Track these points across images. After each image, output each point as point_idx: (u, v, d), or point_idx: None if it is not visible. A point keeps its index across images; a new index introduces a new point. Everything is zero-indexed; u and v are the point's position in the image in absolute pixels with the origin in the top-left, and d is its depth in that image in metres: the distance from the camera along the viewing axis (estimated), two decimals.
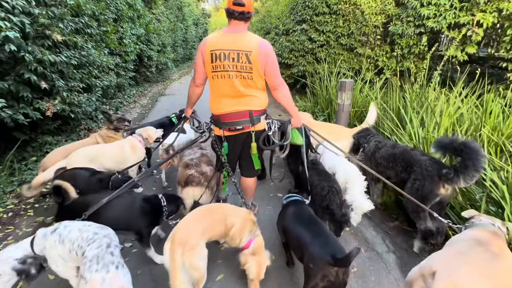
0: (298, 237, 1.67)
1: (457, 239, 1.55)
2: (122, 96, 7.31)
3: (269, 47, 1.88)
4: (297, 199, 2.04)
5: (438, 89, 3.55)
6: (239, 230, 1.81)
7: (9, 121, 3.07)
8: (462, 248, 1.41)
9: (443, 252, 1.44)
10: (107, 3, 5.59)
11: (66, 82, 3.77)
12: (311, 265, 1.51)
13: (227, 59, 1.85)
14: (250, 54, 1.82)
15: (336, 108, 3.76)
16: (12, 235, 2.59)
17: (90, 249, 1.41)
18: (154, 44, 9.38)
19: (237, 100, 1.98)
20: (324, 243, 1.54)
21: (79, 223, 1.59)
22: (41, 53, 3.09)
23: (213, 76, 1.95)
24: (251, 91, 1.96)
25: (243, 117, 2.00)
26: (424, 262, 1.39)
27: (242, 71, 1.86)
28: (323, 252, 1.48)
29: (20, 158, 3.74)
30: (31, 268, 1.51)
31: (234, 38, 1.85)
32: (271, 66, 1.88)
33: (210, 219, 1.80)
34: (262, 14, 10.54)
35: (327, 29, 5.63)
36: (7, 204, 2.98)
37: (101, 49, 5.05)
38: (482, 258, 1.30)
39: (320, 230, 1.66)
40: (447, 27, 4.20)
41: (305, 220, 1.77)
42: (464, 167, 1.85)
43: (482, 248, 1.36)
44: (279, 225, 1.99)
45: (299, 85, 6.88)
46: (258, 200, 2.94)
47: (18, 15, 2.91)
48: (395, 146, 2.45)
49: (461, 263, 1.28)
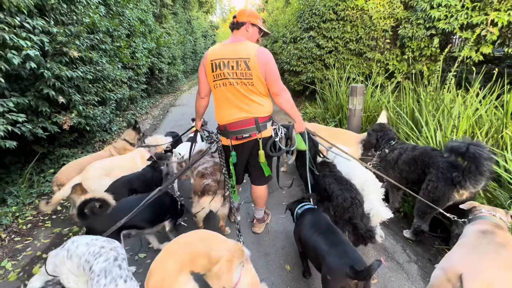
0: (315, 247, 1.60)
1: (465, 235, 1.55)
2: (134, 108, 7.51)
3: (268, 54, 1.92)
4: (311, 207, 1.98)
5: (453, 91, 3.44)
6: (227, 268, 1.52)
7: (29, 135, 3.19)
8: (474, 244, 1.41)
9: (459, 251, 1.41)
10: (120, 20, 5.84)
11: (82, 96, 3.92)
12: (329, 277, 1.43)
13: (226, 67, 1.90)
14: (248, 61, 1.87)
15: (347, 114, 3.71)
16: (30, 246, 2.65)
17: (97, 263, 1.39)
18: (165, 57, 9.66)
19: (241, 108, 1.99)
20: (342, 253, 1.46)
21: (87, 237, 1.55)
22: (59, 69, 3.23)
23: (215, 86, 1.99)
24: (255, 97, 1.98)
25: (249, 124, 2.01)
26: (445, 265, 1.36)
27: (242, 77, 1.90)
28: (342, 263, 1.40)
29: (38, 171, 3.87)
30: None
31: (233, 48, 1.92)
32: (271, 72, 1.91)
33: (188, 252, 1.54)
34: (269, 24, 10.69)
35: (335, 35, 5.62)
36: (26, 215, 3.06)
37: (115, 64, 5.23)
38: (494, 251, 1.32)
39: (338, 239, 1.58)
40: (459, 28, 4.11)
41: (323, 228, 1.69)
42: (469, 170, 1.81)
43: (488, 240, 1.40)
44: (296, 234, 1.92)
45: (308, 92, 6.86)
46: (271, 209, 2.89)
47: (38, 34, 3.08)
48: (415, 148, 2.37)
49: (481, 260, 1.29)
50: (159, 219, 2.19)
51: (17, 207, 3.08)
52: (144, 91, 8.26)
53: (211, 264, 1.54)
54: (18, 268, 2.33)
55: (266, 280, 2.04)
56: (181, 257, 1.51)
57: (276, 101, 2.04)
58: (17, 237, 2.77)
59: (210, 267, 1.54)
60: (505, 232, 1.49)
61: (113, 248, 1.49)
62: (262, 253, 2.32)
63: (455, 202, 1.99)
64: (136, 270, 2.19)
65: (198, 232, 1.71)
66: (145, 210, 1.94)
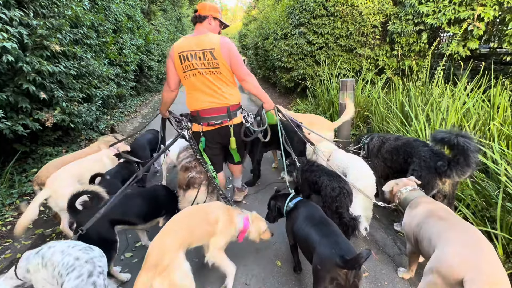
0: (307, 238, 1.59)
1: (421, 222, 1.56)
2: (123, 106, 7.33)
3: (230, 42, 2.06)
4: (302, 199, 1.98)
5: (442, 85, 3.47)
6: (228, 220, 1.77)
7: (8, 132, 3.04)
8: (450, 235, 1.36)
9: (448, 249, 1.30)
10: (106, 15, 5.66)
11: (65, 93, 3.76)
12: (319, 267, 1.43)
13: (194, 58, 2.02)
14: (213, 50, 2.00)
15: (338, 109, 3.70)
16: (10, 248, 2.52)
17: (69, 280, 1.22)
18: (154, 54, 9.47)
19: (213, 96, 2.12)
20: (334, 244, 1.44)
21: (63, 243, 1.40)
22: (39, 64, 3.08)
23: (185, 76, 2.10)
24: (224, 86, 2.12)
25: (221, 112, 2.15)
26: (440, 269, 1.26)
27: (210, 67, 2.03)
28: (332, 253, 1.39)
29: (20, 170, 3.71)
30: None
31: (198, 40, 2.03)
32: (235, 59, 2.05)
33: (187, 224, 1.64)
34: (260, 21, 10.64)
35: (325, 31, 5.62)
36: (6, 216, 2.92)
37: (101, 60, 5.06)
38: (473, 243, 1.29)
39: (330, 230, 1.57)
40: (447, 23, 4.15)
41: (316, 220, 1.68)
42: (456, 161, 1.84)
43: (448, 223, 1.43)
44: (288, 227, 1.90)
45: (299, 89, 6.85)
46: (263, 206, 2.85)
47: (16, 27, 2.93)
48: (398, 138, 2.42)
49: (478, 260, 1.21)
50: (153, 214, 2.08)
51: None
52: (133, 89, 8.08)
53: (212, 226, 1.69)
54: None
55: (256, 276, 1.99)
56: (179, 233, 1.56)
57: (244, 86, 2.21)
58: None
59: (212, 229, 1.69)
60: (438, 203, 1.65)
61: (88, 260, 1.32)
62: (253, 248, 2.27)
63: (438, 190, 2.02)
64: (122, 270, 2.11)
65: (189, 208, 1.82)
66: (139, 205, 1.95)
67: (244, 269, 2.06)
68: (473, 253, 1.23)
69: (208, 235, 1.71)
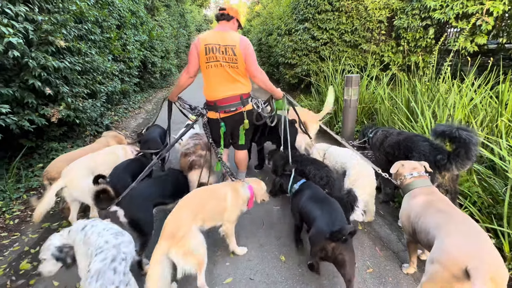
0: (310, 213, 1.81)
1: (418, 213, 1.58)
2: (127, 102, 7.35)
3: (247, 42, 2.34)
4: (305, 181, 2.17)
5: (449, 81, 3.42)
6: (235, 193, 1.98)
7: (14, 127, 3.07)
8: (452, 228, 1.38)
9: (450, 240, 1.32)
10: (109, 10, 5.65)
11: (70, 88, 3.79)
12: (312, 238, 1.66)
13: (218, 51, 2.27)
14: (234, 47, 2.26)
15: (343, 105, 3.67)
16: (18, 241, 2.56)
17: (95, 261, 1.34)
18: (158, 51, 9.46)
19: (229, 87, 2.38)
20: (329, 220, 1.64)
21: (102, 225, 1.56)
22: (44, 59, 3.09)
23: (207, 66, 2.33)
24: (239, 78, 2.39)
25: (236, 100, 2.41)
26: (443, 259, 1.28)
27: (230, 62, 2.30)
28: (327, 228, 1.58)
29: (27, 165, 3.75)
30: (67, 257, 1.57)
31: (222, 35, 2.29)
32: (250, 56, 2.31)
33: (199, 200, 1.84)
34: (264, 16, 10.55)
35: (330, 26, 5.56)
36: (13, 210, 2.97)
37: (105, 56, 5.07)
38: (474, 233, 1.34)
39: (331, 208, 1.75)
40: (454, 17, 4.08)
41: (320, 199, 1.89)
42: (457, 154, 1.85)
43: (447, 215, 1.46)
44: (294, 206, 2.06)
45: (303, 85, 6.80)
46: None
47: (22, 22, 2.94)
48: (400, 133, 2.45)
49: (480, 249, 1.25)
50: (179, 194, 2.22)
51: (3, 202, 2.97)
52: (136, 85, 8.09)
53: (222, 201, 1.90)
54: (5, 264, 2.24)
55: (260, 271, 2.00)
56: (193, 207, 1.76)
57: (255, 82, 2.45)
58: (4, 233, 2.68)
59: (222, 204, 1.90)
60: (438, 194, 1.65)
61: (116, 245, 1.42)
62: (256, 244, 2.28)
63: (438, 184, 2.02)
64: None
65: (199, 188, 2.04)
66: (170, 187, 2.24)
67: (248, 264, 2.07)
68: (474, 243, 1.27)
69: (220, 212, 1.90)
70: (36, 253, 2.37)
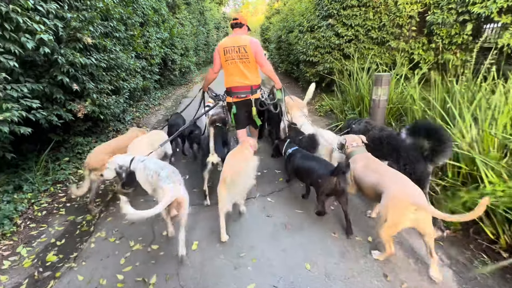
0: (309, 167, 2.43)
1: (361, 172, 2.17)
2: (147, 99, 7.48)
3: (256, 41, 2.98)
4: (297, 148, 2.81)
5: (491, 82, 3.13)
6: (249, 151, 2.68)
7: (44, 122, 3.17)
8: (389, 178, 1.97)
9: (395, 186, 1.87)
10: (134, 8, 5.74)
11: (96, 84, 3.87)
12: (320, 180, 2.21)
13: (233, 52, 2.97)
14: (246, 47, 2.93)
15: (369, 105, 3.48)
16: (45, 233, 2.64)
17: (163, 172, 2.06)
18: (178, 48, 9.55)
19: (242, 78, 3.04)
20: (325, 167, 2.28)
21: (153, 160, 2.31)
22: (72, 56, 3.16)
23: (226, 63, 3.04)
24: (250, 71, 3.03)
25: (246, 89, 3.06)
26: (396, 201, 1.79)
27: (243, 58, 2.97)
28: (326, 170, 2.21)
29: (54, 159, 3.88)
30: (123, 174, 2.33)
31: (236, 39, 2.97)
32: (259, 52, 2.97)
33: (238, 156, 2.53)
34: (284, 13, 10.35)
35: (355, 22, 5.31)
36: (41, 202, 3.07)
37: (128, 53, 5.16)
38: (401, 177, 1.95)
39: (322, 161, 2.47)
40: (497, 11, 3.74)
41: (310, 158, 2.57)
42: (436, 151, 2.11)
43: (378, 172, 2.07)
44: (289, 165, 2.73)
45: (324, 84, 6.59)
46: (286, 204, 2.76)
47: (52, 19, 3.01)
48: (382, 129, 2.69)
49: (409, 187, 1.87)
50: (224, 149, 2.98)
51: (32, 194, 3.08)
52: (157, 82, 8.21)
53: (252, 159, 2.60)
54: (33, 255, 2.31)
55: (284, 278, 1.91)
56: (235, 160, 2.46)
57: (262, 70, 3.13)
58: (32, 224, 2.77)
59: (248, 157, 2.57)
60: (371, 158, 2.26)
61: (170, 167, 2.21)
62: (279, 249, 2.19)
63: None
64: (149, 262, 2.12)
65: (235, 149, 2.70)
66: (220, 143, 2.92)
67: (270, 271, 1.99)
68: (408, 186, 1.84)
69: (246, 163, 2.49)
70: (62, 245, 2.43)
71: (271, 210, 2.71)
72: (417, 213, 1.71)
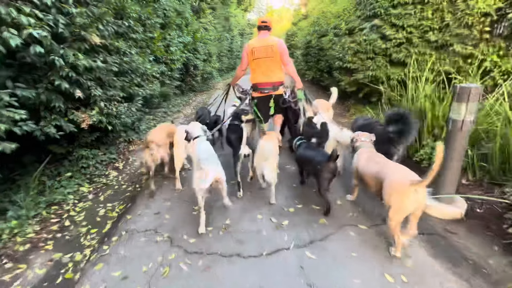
0: (309, 156, 2.73)
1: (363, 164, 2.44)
2: (166, 105, 7.04)
3: (282, 42, 3.30)
4: (304, 140, 3.05)
5: None
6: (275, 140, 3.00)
7: (39, 134, 2.68)
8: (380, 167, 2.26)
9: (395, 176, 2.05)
10: (154, 8, 5.30)
11: (104, 91, 3.36)
12: (319, 166, 2.51)
13: (261, 51, 3.23)
14: (273, 46, 3.21)
15: (446, 128, 2.61)
16: (21, 277, 2.08)
17: (203, 155, 2.50)
18: (201, 53, 9.14)
19: (266, 75, 3.32)
20: (322, 156, 2.59)
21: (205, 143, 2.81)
22: (74, 57, 2.64)
23: (253, 62, 3.30)
24: (275, 69, 3.32)
25: (269, 86, 3.35)
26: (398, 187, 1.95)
27: (269, 56, 3.23)
28: (323, 158, 2.53)
29: (55, 174, 3.40)
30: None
31: (264, 40, 3.26)
32: (284, 52, 3.25)
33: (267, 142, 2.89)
34: (315, 17, 9.61)
35: (409, 23, 4.44)
36: (27, 232, 2.53)
37: (146, 56, 4.67)
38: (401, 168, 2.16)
39: (319, 151, 2.77)
40: None
41: (312, 148, 2.87)
42: (402, 132, 2.67)
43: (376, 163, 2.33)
44: (296, 156, 3.03)
45: (362, 94, 5.71)
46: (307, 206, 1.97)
47: (54, 15, 2.53)
48: (365, 119, 3.31)
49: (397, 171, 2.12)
50: None
51: (17, 221, 2.54)
52: (177, 88, 7.78)
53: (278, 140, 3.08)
54: None
55: None
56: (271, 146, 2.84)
57: (285, 69, 3.38)
58: (9, 263, 2.22)
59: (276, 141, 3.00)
60: (374, 152, 2.51)
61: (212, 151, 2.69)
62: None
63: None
64: None
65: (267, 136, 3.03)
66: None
67: None
68: (407, 174, 2.01)
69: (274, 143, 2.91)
70: None
71: (312, 273, 1.93)
72: (417, 194, 1.85)
